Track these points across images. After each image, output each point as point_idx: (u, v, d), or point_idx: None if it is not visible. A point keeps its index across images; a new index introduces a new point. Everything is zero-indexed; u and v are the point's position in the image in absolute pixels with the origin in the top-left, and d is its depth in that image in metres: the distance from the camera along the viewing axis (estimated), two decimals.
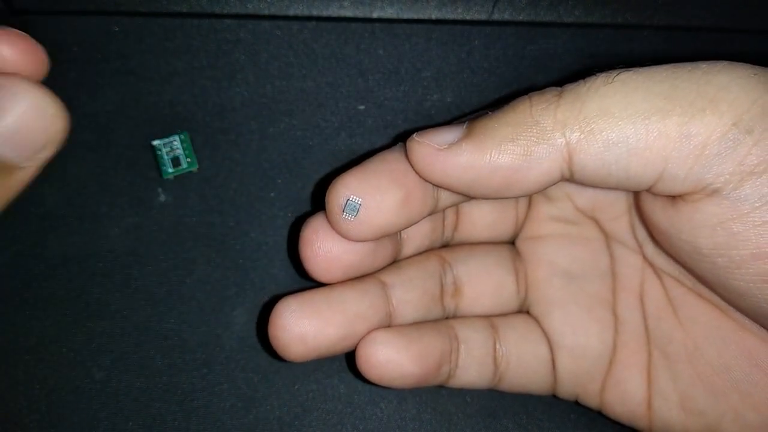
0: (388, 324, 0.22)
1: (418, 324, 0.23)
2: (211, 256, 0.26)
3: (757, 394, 0.20)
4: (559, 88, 0.18)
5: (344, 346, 0.21)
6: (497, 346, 0.23)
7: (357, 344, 0.21)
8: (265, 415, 0.25)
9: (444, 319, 0.24)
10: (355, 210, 0.20)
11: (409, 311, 0.23)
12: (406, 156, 0.20)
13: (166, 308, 0.25)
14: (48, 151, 0.17)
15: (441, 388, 0.25)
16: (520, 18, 0.26)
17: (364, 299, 0.22)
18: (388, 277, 0.23)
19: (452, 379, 0.23)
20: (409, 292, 0.23)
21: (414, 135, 0.20)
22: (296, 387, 0.25)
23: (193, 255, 0.26)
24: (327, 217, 0.20)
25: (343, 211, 0.20)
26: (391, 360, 0.21)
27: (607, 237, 0.24)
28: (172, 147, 0.26)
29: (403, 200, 0.20)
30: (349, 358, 0.25)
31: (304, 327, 0.21)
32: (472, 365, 0.23)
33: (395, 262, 0.23)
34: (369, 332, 0.21)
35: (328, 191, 0.20)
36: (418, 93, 0.26)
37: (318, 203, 0.26)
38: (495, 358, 0.23)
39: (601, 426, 0.25)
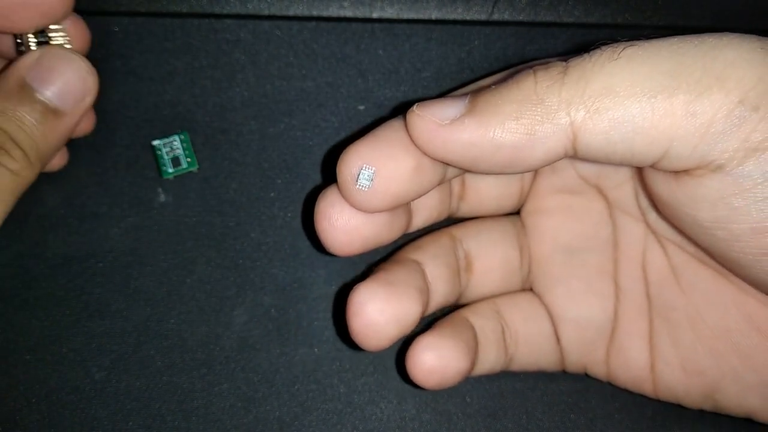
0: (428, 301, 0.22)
1: (445, 322, 0.23)
2: (211, 256, 0.26)
3: (756, 356, 0.21)
4: (564, 63, 0.18)
5: (416, 323, 0.21)
6: (505, 329, 0.24)
7: (407, 352, 0.21)
8: (265, 415, 0.25)
9: (454, 308, 0.24)
10: (369, 179, 0.19)
11: (442, 287, 0.23)
12: (406, 129, 0.19)
13: (166, 308, 0.25)
14: (88, 101, 0.22)
15: None
16: (520, 18, 0.26)
17: (415, 276, 0.22)
18: (414, 255, 0.23)
19: (473, 370, 0.23)
20: (437, 268, 0.23)
21: (414, 107, 0.19)
22: (296, 387, 0.25)
23: (193, 255, 0.26)
24: (339, 188, 0.20)
25: (356, 181, 0.19)
26: (447, 364, 0.21)
27: (610, 205, 0.24)
28: (172, 147, 0.26)
29: (415, 168, 0.19)
30: (349, 358, 0.25)
31: (395, 308, 0.20)
32: (489, 353, 0.23)
33: (413, 240, 0.24)
34: (416, 340, 0.21)
35: (339, 161, 0.20)
36: (418, 93, 0.26)
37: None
38: (505, 341, 0.23)
39: (602, 426, 0.25)
